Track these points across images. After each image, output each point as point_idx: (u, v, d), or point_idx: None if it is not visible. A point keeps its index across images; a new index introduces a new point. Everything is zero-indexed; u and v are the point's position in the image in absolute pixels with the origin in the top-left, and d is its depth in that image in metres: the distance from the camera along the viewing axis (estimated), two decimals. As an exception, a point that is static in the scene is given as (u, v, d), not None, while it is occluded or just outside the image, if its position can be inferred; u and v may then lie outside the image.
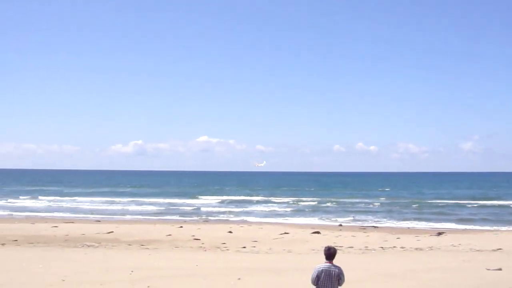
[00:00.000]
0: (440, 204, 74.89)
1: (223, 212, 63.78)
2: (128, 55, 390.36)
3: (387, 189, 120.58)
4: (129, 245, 33.59)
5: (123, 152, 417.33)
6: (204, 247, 32.48)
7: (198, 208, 69.25)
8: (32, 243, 33.86)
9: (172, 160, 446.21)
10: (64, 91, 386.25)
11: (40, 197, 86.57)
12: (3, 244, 33.07)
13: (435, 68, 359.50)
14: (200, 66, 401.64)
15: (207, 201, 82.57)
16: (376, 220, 54.64)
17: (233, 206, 72.87)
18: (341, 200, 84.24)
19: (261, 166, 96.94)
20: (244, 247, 32.41)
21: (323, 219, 55.44)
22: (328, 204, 76.71)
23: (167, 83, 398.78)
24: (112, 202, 78.72)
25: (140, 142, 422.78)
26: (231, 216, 59.50)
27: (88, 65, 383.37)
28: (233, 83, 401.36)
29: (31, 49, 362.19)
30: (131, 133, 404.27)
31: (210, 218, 57.13)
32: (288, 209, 67.92)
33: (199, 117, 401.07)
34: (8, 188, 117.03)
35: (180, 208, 69.95)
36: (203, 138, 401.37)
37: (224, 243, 34.14)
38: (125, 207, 70.96)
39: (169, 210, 66.62)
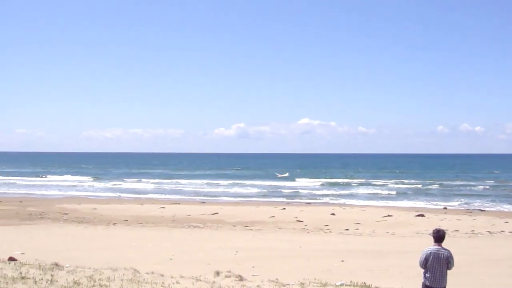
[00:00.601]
0: (553, 188, 71.39)
1: (325, 195, 63.58)
2: (235, 38, 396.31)
3: (495, 172, 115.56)
4: (233, 226, 34.28)
5: (226, 135, 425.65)
6: (307, 229, 32.63)
7: (299, 191, 69.41)
8: (141, 223, 35.24)
9: (274, 142, 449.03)
10: (168, 77, 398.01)
11: (146, 179, 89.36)
12: (114, 224, 34.68)
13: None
14: (300, 49, 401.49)
15: (309, 184, 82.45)
16: (482, 203, 52.85)
17: (335, 189, 72.52)
18: (446, 182, 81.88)
19: (283, 176, 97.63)
20: (347, 230, 32.29)
21: (427, 202, 54.25)
22: (432, 186, 74.82)
23: (269, 67, 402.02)
24: (216, 185, 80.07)
25: (242, 125, 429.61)
26: (333, 198, 59.32)
27: (191, 50, 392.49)
28: (334, 66, 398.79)
29: (136, 32, 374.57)
30: (233, 116, 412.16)
31: (311, 200, 57.24)
32: (391, 192, 66.85)
33: (300, 100, 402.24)
34: (117, 171, 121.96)
35: (282, 190, 70.43)
36: (305, 120, 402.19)
37: (327, 225, 34.14)
38: (228, 189, 72.02)
39: (271, 193, 67.16)
